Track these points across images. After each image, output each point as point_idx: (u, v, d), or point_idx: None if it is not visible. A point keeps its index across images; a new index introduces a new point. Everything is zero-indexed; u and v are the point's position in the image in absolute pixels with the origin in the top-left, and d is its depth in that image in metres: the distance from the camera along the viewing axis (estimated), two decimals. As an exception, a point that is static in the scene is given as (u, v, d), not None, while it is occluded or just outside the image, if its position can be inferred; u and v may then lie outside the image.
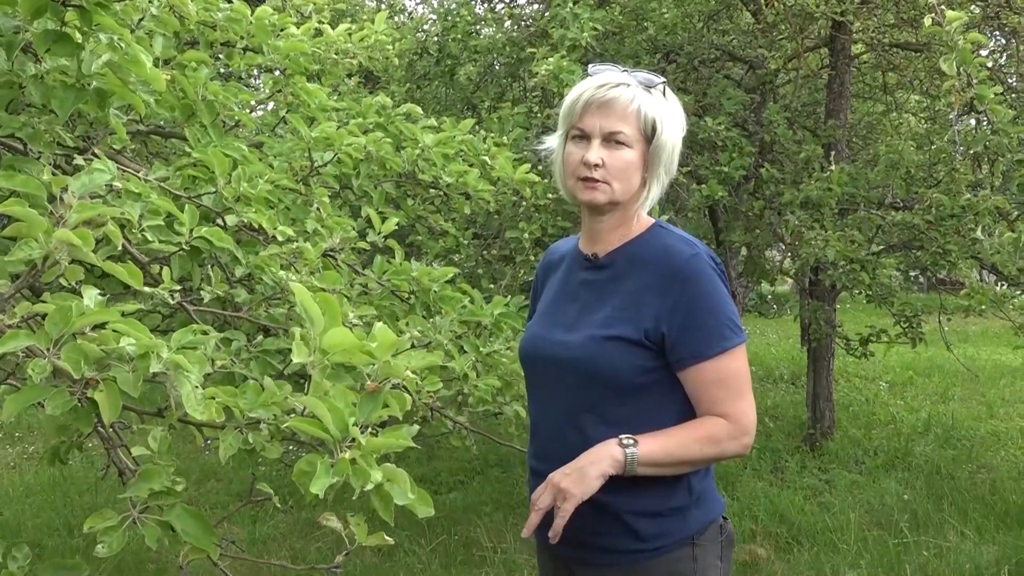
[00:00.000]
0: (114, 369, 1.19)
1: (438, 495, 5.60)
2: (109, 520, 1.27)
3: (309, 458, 1.29)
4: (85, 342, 1.15)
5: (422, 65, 6.05)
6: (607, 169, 1.61)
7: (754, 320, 12.02)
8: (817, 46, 6.49)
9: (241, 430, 1.31)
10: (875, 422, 7.18)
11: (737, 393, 1.58)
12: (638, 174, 1.63)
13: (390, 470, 1.35)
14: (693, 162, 5.95)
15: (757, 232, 5.97)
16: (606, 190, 1.63)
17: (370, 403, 1.41)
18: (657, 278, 1.59)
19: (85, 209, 1.20)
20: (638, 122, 1.60)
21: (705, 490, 1.68)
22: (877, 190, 5.33)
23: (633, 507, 1.61)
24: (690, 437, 1.57)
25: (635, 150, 1.61)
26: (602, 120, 1.61)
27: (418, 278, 2.67)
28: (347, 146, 2.64)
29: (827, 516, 4.88)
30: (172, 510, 1.29)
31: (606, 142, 1.61)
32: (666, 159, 1.64)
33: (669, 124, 1.63)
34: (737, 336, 1.58)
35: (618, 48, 5.87)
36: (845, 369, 9.14)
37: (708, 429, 1.58)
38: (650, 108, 1.61)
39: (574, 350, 1.63)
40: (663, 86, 1.66)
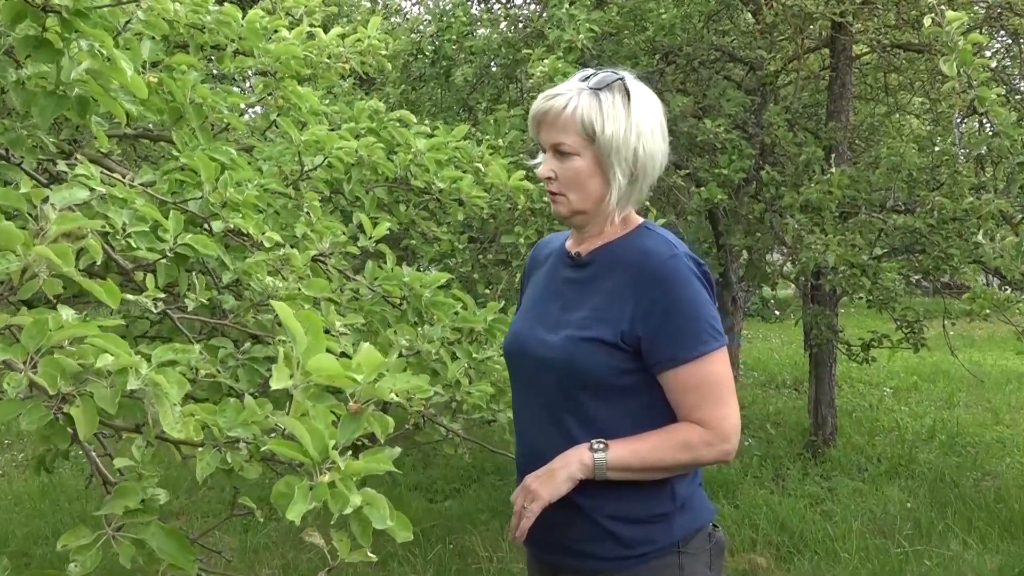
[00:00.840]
0: (91, 384, 1.18)
1: (433, 503, 5.60)
2: (83, 538, 1.26)
3: (288, 480, 1.28)
4: (62, 356, 1.15)
5: (417, 66, 6.04)
6: (560, 181, 1.63)
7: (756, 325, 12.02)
8: (817, 47, 6.49)
9: (220, 449, 1.30)
10: (878, 428, 7.17)
11: (716, 399, 1.57)
12: (595, 179, 1.62)
13: (369, 495, 1.35)
14: (692, 164, 5.95)
15: (758, 236, 5.97)
16: (563, 202, 1.65)
17: (352, 424, 1.40)
18: (633, 279, 1.59)
19: (65, 221, 1.20)
20: (576, 127, 1.60)
21: (691, 496, 1.67)
22: (879, 193, 5.33)
23: (614, 512, 1.62)
24: (664, 443, 1.58)
25: (584, 156, 1.61)
26: (546, 133, 1.64)
27: (410, 283, 2.67)
28: (337, 150, 2.63)
29: (829, 524, 4.87)
30: (147, 528, 1.28)
31: (556, 154, 1.63)
32: (616, 155, 1.61)
33: (614, 120, 1.59)
34: (716, 340, 1.57)
35: (616, 50, 5.87)
36: (848, 374, 9.13)
37: (683, 435, 1.57)
38: (586, 109, 1.59)
39: (553, 350, 1.63)
40: (619, 83, 1.62)
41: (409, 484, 5.90)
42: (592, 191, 1.63)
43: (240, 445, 1.31)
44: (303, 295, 2.06)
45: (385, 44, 3.54)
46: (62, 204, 1.35)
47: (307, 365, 1.30)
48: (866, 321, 10.22)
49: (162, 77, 2.26)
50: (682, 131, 5.81)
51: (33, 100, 1.50)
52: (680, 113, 5.70)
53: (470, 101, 6.20)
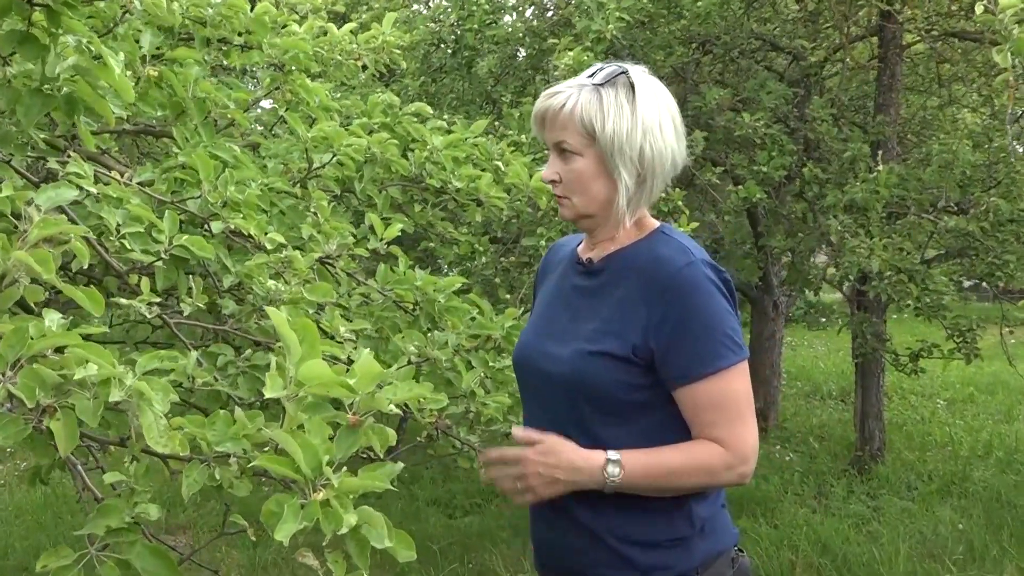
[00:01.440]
0: (74, 396, 1.19)
1: (453, 519, 5.60)
2: (64, 558, 1.26)
3: (279, 498, 1.28)
4: (42, 367, 1.15)
5: (438, 57, 6.05)
6: (564, 184, 1.63)
7: (801, 332, 11.92)
8: (865, 35, 6.42)
9: (209, 464, 1.30)
10: (930, 443, 7.09)
11: (735, 416, 1.55)
12: (599, 180, 1.61)
13: (366, 513, 1.34)
14: (729, 161, 5.92)
15: (800, 237, 5.92)
16: (568, 205, 1.64)
17: (349, 438, 1.40)
18: (646, 289, 1.57)
19: (47, 225, 1.20)
20: (576, 125, 1.58)
21: (711, 519, 1.65)
22: (929, 193, 5.26)
23: (628, 536, 1.60)
24: (683, 466, 1.55)
25: (587, 156, 1.60)
26: (548, 133, 1.63)
27: (422, 288, 2.67)
28: (347, 147, 2.64)
29: (874, 547, 4.81)
30: (132, 547, 1.29)
31: (560, 154, 1.63)
32: (627, 155, 1.58)
33: (615, 117, 1.57)
34: (735, 354, 1.54)
35: (648, 39, 5.85)
36: (900, 385, 9.04)
37: (704, 459, 1.55)
38: (585, 106, 1.58)
39: (561, 364, 1.62)
40: (623, 78, 1.59)
41: (427, 499, 5.92)
42: (597, 193, 1.62)
43: (231, 460, 1.31)
44: (306, 300, 2.07)
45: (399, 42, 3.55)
46: (48, 205, 1.36)
47: (300, 375, 1.30)
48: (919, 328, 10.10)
49: (162, 71, 2.28)
50: (719, 125, 5.78)
51: (18, 99, 1.51)
52: (716, 106, 5.67)
53: (493, 93, 6.20)
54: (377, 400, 1.41)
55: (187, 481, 1.25)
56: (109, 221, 1.72)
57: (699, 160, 5.54)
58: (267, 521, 1.26)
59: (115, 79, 1.51)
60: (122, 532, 1.28)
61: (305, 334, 1.35)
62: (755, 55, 6.86)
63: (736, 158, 5.81)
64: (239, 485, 1.29)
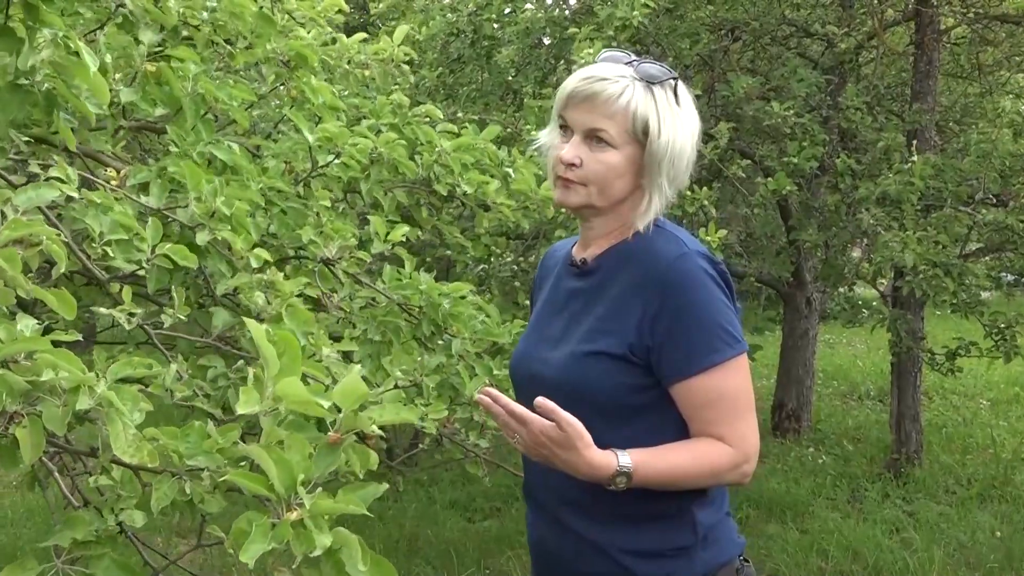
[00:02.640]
0: (42, 403, 1.21)
1: (471, 523, 5.62)
2: (29, 571, 1.29)
3: (250, 515, 1.29)
4: (8, 373, 1.17)
5: (456, 47, 6.06)
6: (584, 170, 1.57)
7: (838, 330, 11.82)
8: (900, 20, 6.35)
9: (181, 477, 1.31)
10: (971, 446, 7.01)
11: (735, 413, 1.54)
12: (624, 179, 1.58)
13: (341, 536, 1.34)
14: (758, 152, 5.88)
15: (834, 230, 5.87)
16: (581, 192, 1.59)
17: (328, 457, 1.41)
18: (640, 284, 1.55)
19: (19, 227, 1.23)
20: (626, 121, 1.55)
21: (715, 528, 1.63)
22: (967, 184, 5.19)
23: (630, 546, 1.59)
24: (691, 469, 1.54)
25: (621, 152, 1.56)
26: (584, 115, 1.57)
27: (427, 291, 2.67)
28: (351, 146, 2.65)
29: (908, 554, 4.78)
30: (99, 561, 1.31)
31: (588, 140, 1.57)
32: (668, 167, 1.58)
33: (670, 126, 1.56)
34: (731, 348, 1.52)
35: (674, 26, 5.82)
36: (941, 385, 8.94)
37: (711, 459, 1.53)
38: (643, 106, 1.55)
39: (555, 369, 1.60)
40: (673, 83, 1.59)
41: (446, 502, 5.94)
42: (616, 191, 1.59)
43: (203, 474, 1.33)
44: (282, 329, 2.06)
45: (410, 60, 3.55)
46: (28, 205, 1.39)
47: (278, 390, 1.31)
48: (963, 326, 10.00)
49: (160, 67, 2.30)
50: (747, 115, 5.74)
51: (-4, 95, 1.53)
52: (745, 95, 5.63)
53: (514, 84, 6.19)
54: (360, 420, 1.41)
55: (156, 494, 1.26)
56: (93, 227, 1.74)
57: (727, 152, 5.51)
58: (236, 539, 1.27)
59: (89, 79, 1.53)
60: (90, 545, 1.30)
61: (286, 348, 1.36)
62: (787, 42, 6.81)
63: (765, 149, 5.76)
64: (211, 500, 1.31)
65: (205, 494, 1.30)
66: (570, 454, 1.47)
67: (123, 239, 1.77)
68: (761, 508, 5.64)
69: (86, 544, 1.31)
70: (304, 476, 1.28)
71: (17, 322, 1.28)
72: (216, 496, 1.31)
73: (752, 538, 5.16)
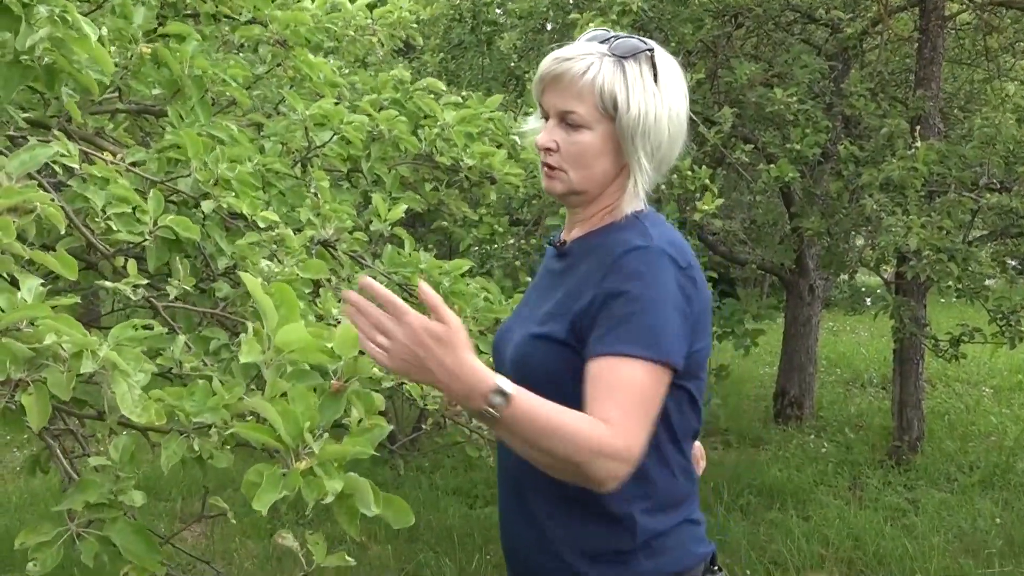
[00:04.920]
0: (47, 370, 1.23)
1: (473, 509, 5.65)
2: (43, 535, 1.31)
3: (259, 467, 1.32)
4: (12, 341, 1.20)
5: (457, 33, 6.07)
6: (561, 154, 1.54)
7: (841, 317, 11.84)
8: (905, 6, 6.35)
9: (188, 435, 1.34)
10: (973, 433, 7.03)
11: (629, 407, 1.40)
12: (604, 159, 1.54)
13: (351, 480, 1.38)
14: (761, 139, 5.89)
15: (837, 217, 5.88)
16: (562, 178, 1.56)
17: (333, 405, 1.44)
18: (595, 270, 1.51)
19: (11, 194, 1.25)
20: (594, 97, 1.50)
21: (664, 535, 1.54)
22: (971, 170, 5.21)
23: (577, 545, 1.54)
24: (569, 429, 1.36)
25: (595, 131, 1.52)
26: (555, 97, 1.53)
27: (427, 270, 2.69)
28: (347, 124, 2.66)
29: (908, 540, 4.80)
30: (113, 524, 1.33)
31: (562, 123, 1.53)
32: (643, 141, 1.52)
33: (640, 98, 1.50)
34: (647, 351, 1.41)
35: (676, 11, 5.82)
36: (944, 372, 8.96)
37: (592, 434, 1.36)
38: (609, 80, 1.49)
39: (513, 347, 1.58)
40: (648, 55, 1.52)
41: (448, 488, 5.97)
42: (597, 172, 1.55)
43: (210, 431, 1.35)
44: (301, 279, 2.10)
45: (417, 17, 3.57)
46: (21, 170, 1.41)
47: (277, 340, 1.34)
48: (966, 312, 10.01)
49: (157, 47, 2.31)
50: (750, 101, 5.75)
51: (-3, 70, 1.55)
52: (748, 81, 5.64)
53: (516, 70, 6.21)
54: (361, 365, 1.44)
55: (166, 452, 1.29)
56: (95, 202, 1.77)
57: (729, 137, 5.52)
58: (247, 492, 1.29)
59: (92, 48, 1.54)
60: (103, 508, 1.33)
61: (282, 299, 1.38)
62: (790, 28, 6.81)
63: (768, 136, 5.77)
64: (219, 456, 1.33)
65: (214, 450, 1.32)
66: (449, 355, 1.31)
67: (125, 212, 1.79)
68: (763, 495, 5.67)
69: (99, 507, 1.33)
70: (310, 424, 1.30)
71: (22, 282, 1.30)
72: (225, 451, 1.33)
73: (754, 525, 5.19)
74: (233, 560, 4.87)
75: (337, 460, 1.37)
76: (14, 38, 1.47)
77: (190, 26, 2.48)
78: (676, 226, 1.72)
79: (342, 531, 1.42)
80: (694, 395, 1.56)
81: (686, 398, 1.55)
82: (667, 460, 1.55)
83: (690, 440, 1.61)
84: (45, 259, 1.29)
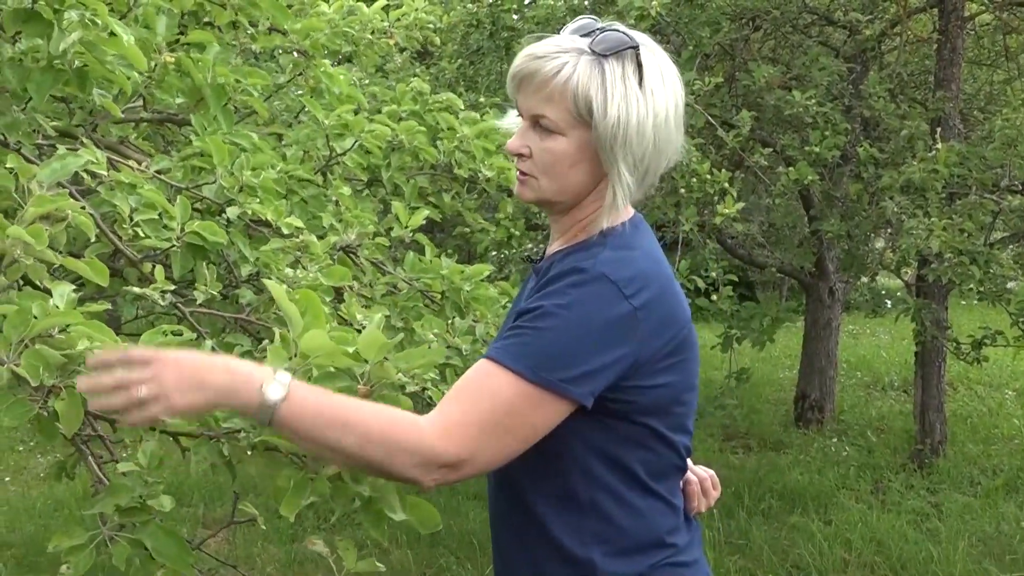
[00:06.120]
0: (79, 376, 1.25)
1: (493, 514, 5.65)
2: (76, 538, 1.33)
3: (288, 473, 1.34)
4: (45, 347, 1.22)
5: (475, 39, 6.10)
6: (534, 160, 1.42)
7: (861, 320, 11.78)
8: (924, 8, 6.33)
9: (218, 440, 1.36)
10: (996, 436, 6.99)
11: (464, 399, 1.31)
12: (579, 169, 1.41)
13: (378, 485, 1.39)
14: (780, 142, 5.88)
15: (856, 219, 5.87)
16: (533, 185, 1.43)
17: (361, 409, 1.45)
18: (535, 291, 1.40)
19: (44, 203, 1.27)
20: (565, 101, 1.36)
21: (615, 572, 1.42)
22: (992, 172, 5.18)
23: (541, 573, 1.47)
24: (366, 419, 1.26)
25: (569, 138, 1.38)
26: (526, 99, 1.40)
27: (449, 276, 2.71)
28: (368, 133, 2.69)
29: (932, 544, 4.78)
30: (145, 528, 1.35)
31: (536, 127, 1.41)
32: (624, 151, 1.38)
33: (620, 103, 1.36)
34: (518, 365, 1.30)
35: (693, 15, 5.83)
36: (966, 375, 8.91)
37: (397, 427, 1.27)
38: (585, 82, 1.35)
39: None
40: (631, 53, 1.37)
41: (469, 493, 5.98)
42: (572, 182, 1.42)
43: (239, 436, 1.37)
44: (324, 286, 2.12)
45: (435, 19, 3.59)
46: (52, 179, 1.43)
47: (303, 345, 1.35)
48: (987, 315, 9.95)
49: (179, 57, 2.34)
50: (768, 104, 5.75)
51: (29, 76, 1.57)
52: (766, 84, 5.64)
53: (534, 76, 6.22)
54: (387, 369, 1.45)
55: (196, 457, 1.30)
56: (122, 208, 1.79)
57: (748, 141, 5.52)
58: (276, 497, 1.31)
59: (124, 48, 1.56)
60: (134, 512, 1.35)
61: (308, 306, 1.40)
62: (808, 30, 6.81)
63: (787, 139, 5.77)
64: (249, 461, 1.35)
65: (243, 455, 1.34)
66: (205, 361, 1.23)
67: (152, 219, 1.81)
68: (784, 499, 5.65)
69: (130, 511, 1.35)
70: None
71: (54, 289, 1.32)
72: (254, 456, 1.35)
73: (775, 529, 5.18)
74: (256, 564, 4.89)
75: (362, 466, 1.39)
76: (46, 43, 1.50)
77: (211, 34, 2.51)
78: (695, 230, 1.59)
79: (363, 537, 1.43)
80: (661, 431, 1.43)
81: (649, 434, 1.42)
82: (628, 502, 1.43)
83: (673, 477, 1.50)
84: (77, 266, 1.32)
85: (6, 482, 6.31)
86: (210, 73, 2.42)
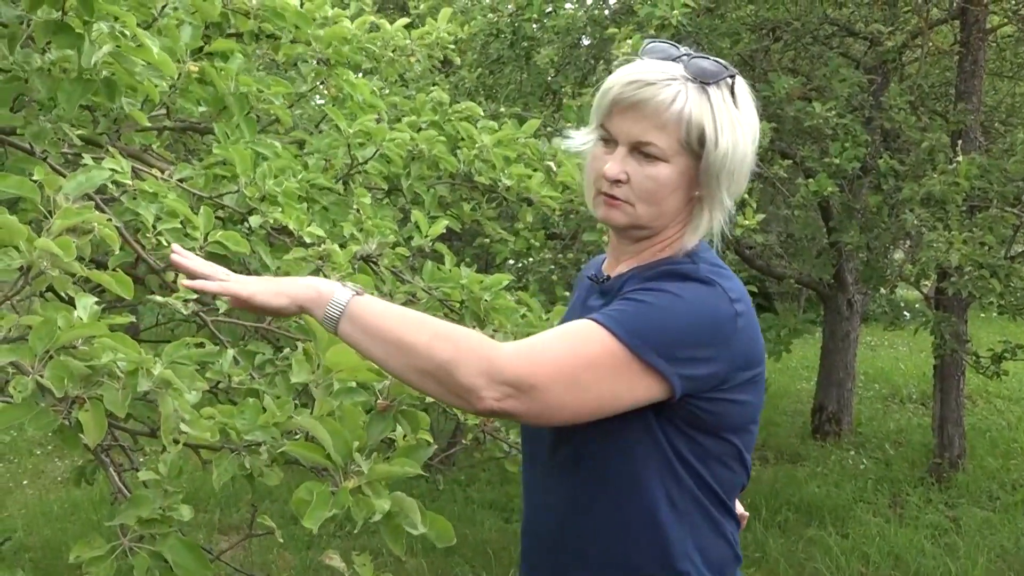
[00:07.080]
0: (103, 387, 1.25)
1: (508, 523, 5.64)
2: (97, 549, 1.33)
3: (309, 485, 1.33)
4: (69, 358, 1.22)
5: (495, 48, 6.10)
6: (631, 187, 1.39)
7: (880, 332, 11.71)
8: (946, 19, 6.31)
9: (239, 453, 1.36)
10: (1015, 451, 6.94)
11: (553, 348, 1.30)
12: (677, 195, 1.40)
13: (399, 499, 1.39)
14: (800, 153, 5.86)
15: (876, 231, 5.84)
16: (628, 211, 1.41)
17: (380, 424, 1.45)
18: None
19: (70, 215, 1.27)
20: (679, 130, 1.35)
21: None
22: (1013, 184, 5.15)
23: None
24: (429, 326, 1.29)
25: (673, 165, 1.37)
26: (631, 125, 1.37)
27: (468, 285, 2.70)
28: (389, 141, 2.69)
29: (950, 559, 4.74)
30: (165, 540, 1.35)
31: (635, 152, 1.38)
32: (728, 178, 1.38)
33: (729, 132, 1.36)
34: (616, 326, 1.29)
35: (714, 26, 5.82)
36: (985, 388, 8.84)
37: (462, 335, 1.29)
38: (698, 111, 1.35)
39: None
40: (729, 81, 1.38)
41: (484, 502, 5.97)
42: (669, 208, 1.41)
43: (261, 449, 1.37)
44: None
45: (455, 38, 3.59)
46: (78, 191, 1.43)
47: (328, 360, 1.35)
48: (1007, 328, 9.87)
49: (203, 66, 2.35)
50: (788, 115, 5.73)
51: (59, 86, 1.58)
52: (786, 95, 5.62)
53: (553, 85, 6.22)
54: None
55: (218, 470, 1.30)
56: (145, 217, 1.79)
57: (767, 152, 5.51)
58: (297, 509, 1.31)
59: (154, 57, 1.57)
60: (155, 523, 1.35)
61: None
62: (828, 41, 6.78)
63: (807, 150, 5.75)
64: (270, 474, 1.34)
65: (264, 467, 1.33)
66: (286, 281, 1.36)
67: (175, 227, 1.82)
68: (801, 512, 5.62)
69: (151, 523, 1.35)
70: (359, 444, 1.32)
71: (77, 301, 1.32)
72: (275, 469, 1.34)
73: (792, 542, 5.14)
74: (272, 572, 4.90)
75: (384, 479, 1.39)
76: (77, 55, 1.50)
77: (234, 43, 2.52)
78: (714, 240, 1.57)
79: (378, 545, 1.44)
80: (741, 450, 1.44)
81: (732, 452, 1.43)
82: (714, 517, 1.44)
83: (735, 497, 1.50)
84: (101, 278, 1.32)
85: (24, 486, 6.33)
86: (233, 82, 2.43)
